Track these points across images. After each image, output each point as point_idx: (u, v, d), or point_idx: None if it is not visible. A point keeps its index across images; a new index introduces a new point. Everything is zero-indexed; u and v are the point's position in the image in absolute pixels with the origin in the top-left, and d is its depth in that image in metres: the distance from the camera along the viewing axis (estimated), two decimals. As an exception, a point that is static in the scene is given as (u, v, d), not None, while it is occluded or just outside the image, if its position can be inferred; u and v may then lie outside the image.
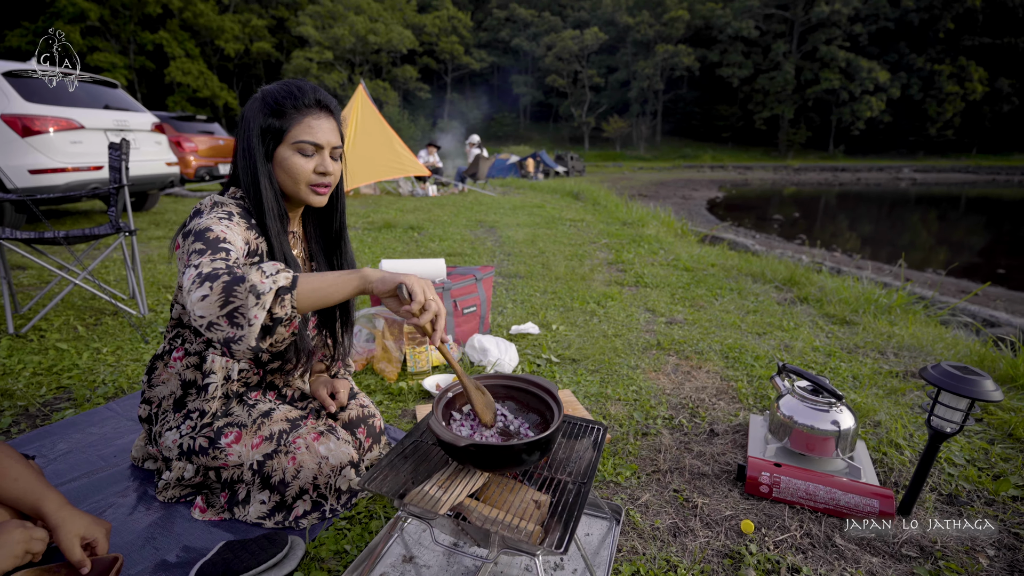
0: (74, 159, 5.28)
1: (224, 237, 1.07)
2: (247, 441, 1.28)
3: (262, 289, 0.91)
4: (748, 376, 2.18)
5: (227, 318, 0.89)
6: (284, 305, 0.93)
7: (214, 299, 0.89)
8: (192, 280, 0.93)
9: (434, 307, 1.00)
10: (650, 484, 1.45)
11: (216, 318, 0.89)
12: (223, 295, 0.89)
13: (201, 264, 0.96)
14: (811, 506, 1.33)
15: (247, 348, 0.91)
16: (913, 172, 33.69)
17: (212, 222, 1.10)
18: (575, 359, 2.34)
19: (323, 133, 1.22)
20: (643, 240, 5.41)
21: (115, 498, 1.34)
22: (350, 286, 1.00)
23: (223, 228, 1.10)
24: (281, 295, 0.93)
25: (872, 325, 2.87)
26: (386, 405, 1.90)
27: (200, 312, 0.90)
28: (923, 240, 11.34)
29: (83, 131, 5.39)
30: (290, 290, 0.94)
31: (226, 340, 0.90)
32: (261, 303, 0.90)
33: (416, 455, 1.11)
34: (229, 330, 0.90)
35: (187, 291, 0.92)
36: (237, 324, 0.90)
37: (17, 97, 5.09)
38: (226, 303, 0.89)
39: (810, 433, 1.47)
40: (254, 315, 0.89)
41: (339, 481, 1.31)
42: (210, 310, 0.89)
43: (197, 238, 1.05)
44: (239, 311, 0.89)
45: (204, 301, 0.89)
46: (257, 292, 0.90)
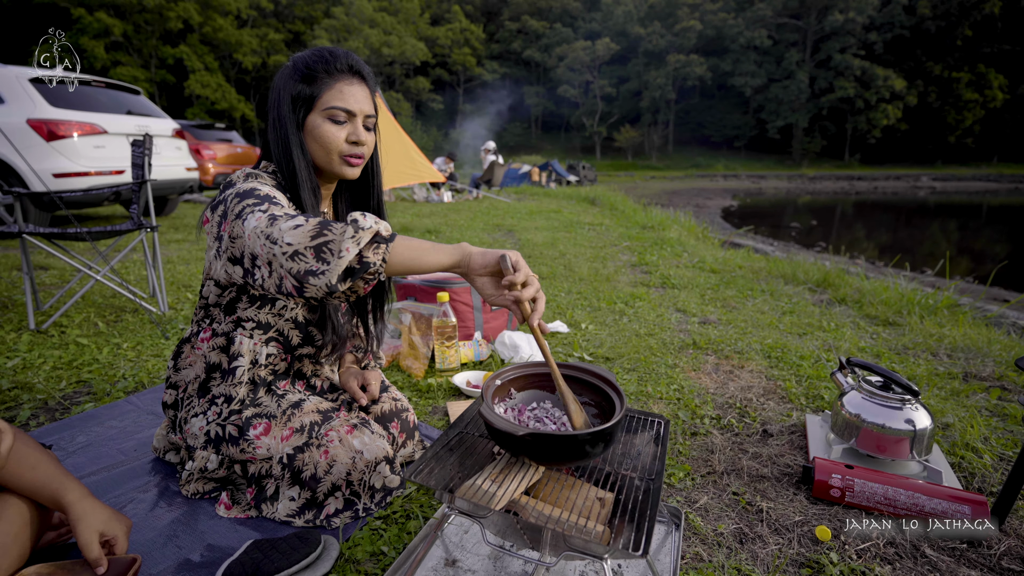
0: (97, 163, 5.32)
1: (274, 196, 1.03)
2: (277, 433, 1.19)
3: (363, 224, 0.86)
4: (796, 376, 2.05)
5: (315, 251, 0.84)
6: (378, 252, 0.87)
7: (308, 229, 0.86)
8: (268, 217, 0.91)
9: (536, 283, 0.92)
10: (706, 486, 1.34)
11: (304, 248, 0.85)
12: (318, 227, 0.86)
13: (270, 208, 0.94)
14: (890, 512, 1.21)
15: (325, 284, 0.84)
16: (932, 180, 33.11)
17: (255, 184, 1.06)
18: (609, 357, 2.24)
19: (356, 99, 1.15)
20: (665, 243, 5.29)
21: (136, 493, 1.26)
22: (447, 256, 0.93)
23: (269, 189, 1.06)
24: (378, 241, 0.87)
25: (919, 326, 2.72)
26: (415, 402, 1.80)
27: (288, 239, 0.85)
28: (943, 249, 11.06)
29: (106, 136, 5.44)
30: (387, 241, 0.88)
31: (305, 272, 0.84)
32: (357, 238, 0.84)
33: (462, 448, 1.01)
34: (313, 263, 0.84)
35: (265, 226, 0.89)
36: (323, 259, 0.84)
37: (43, 102, 5.15)
38: (319, 235, 0.85)
39: (881, 432, 1.35)
40: (346, 247, 0.83)
41: (373, 478, 1.22)
42: (300, 239, 0.85)
43: (245, 196, 1.00)
44: (329, 246, 0.84)
45: (297, 230, 0.86)
46: (358, 226, 0.85)
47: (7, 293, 3.14)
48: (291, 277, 0.86)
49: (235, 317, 1.22)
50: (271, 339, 1.25)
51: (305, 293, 0.87)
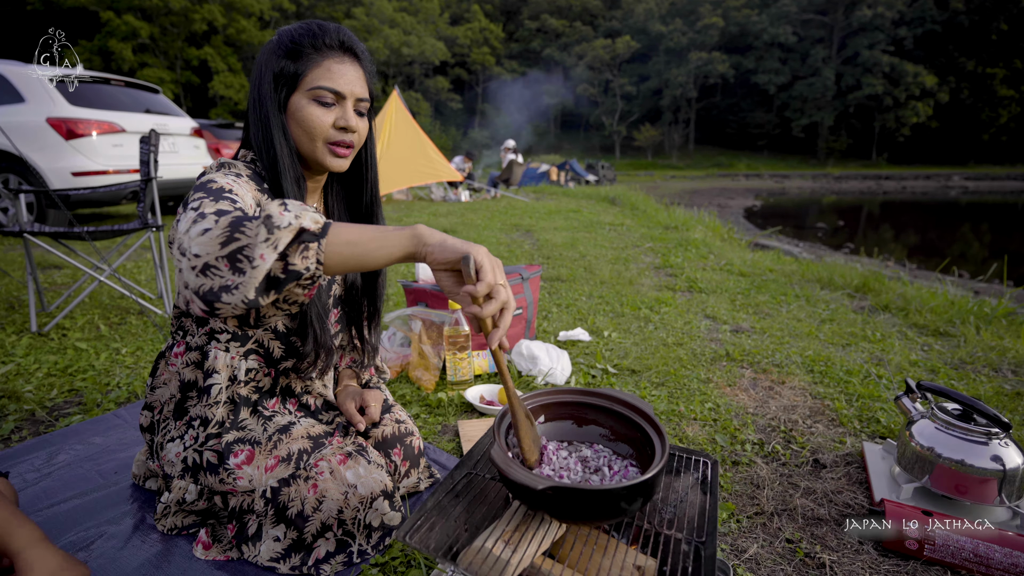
0: (115, 162, 5.32)
1: (230, 188, 0.88)
2: (260, 462, 1.05)
3: (279, 222, 0.69)
4: (845, 394, 1.85)
5: (228, 260, 0.68)
6: (307, 255, 0.70)
7: (217, 233, 0.69)
8: (191, 219, 0.72)
9: (503, 295, 0.74)
10: (754, 530, 1.16)
11: (215, 259, 0.68)
12: (229, 230, 0.69)
13: (202, 205, 0.76)
14: (982, 573, 1.01)
15: (241, 300, 0.68)
16: (964, 180, 31.93)
17: (216, 176, 0.91)
18: (635, 370, 2.06)
19: (346, 80, 1.01)
20: (690, 244, 5.07)
21: (108, 526, 1.13)
22: (398, 246, 0.75)
23: (229, 181, 0.90)
24: (305, 240, 0.71)
25: (975, 338, 2.48)
26: (423, 419, 1.65)
27: (196, 249, 0.69)
28: (976, 251, 10.54)
29: (124, 134, 5.43)
30: (318, 237, 0.71)
31: (220, 288, 0.68)
32: (273, 240, 0.68)
33: (470, 493, 0.85)
34: (228, 276, 0.68)
35: (183, 232, 0.71)
36: (240, 269, 0.68)
37: (63, 101, 5.16)
38: (230, 240, 0.68)
39: (962, 471, 1.15)
40: (260, 254, 0.67)
41: (369, 516, 1.06)
42: (209, 247, 0.68)
43: (196, 191, 0.86)
44: (245, 252, 0.68)
45: (204, 236, 0.69)
46: (271, 224, 0.68)
47: (16, 294, 3.09)
48: (198, 299, 0.70)
49: (208, 328, 1.08)
50: (250, 352, 1.10)
51: (219, 313, 0.71)
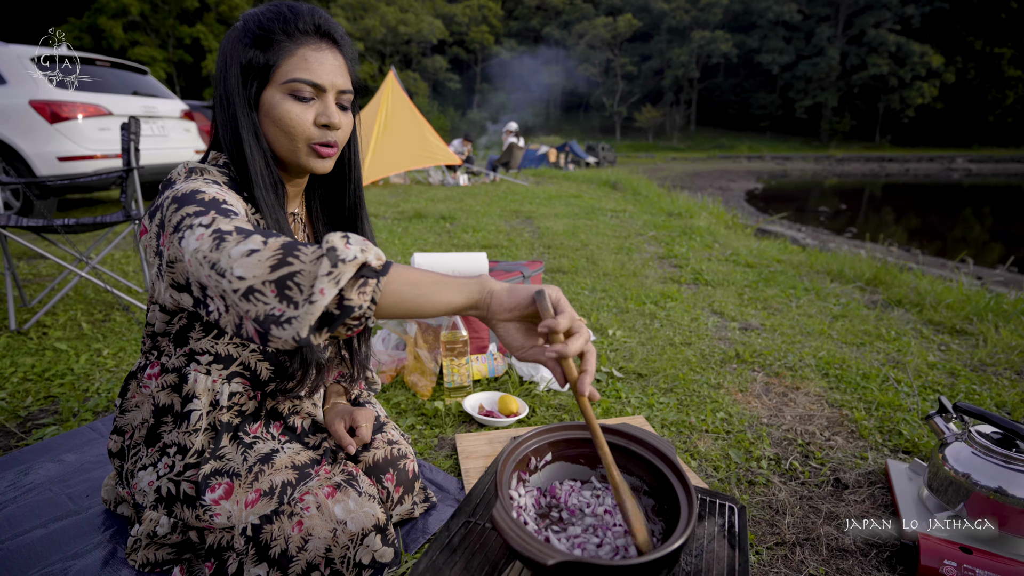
0: (102, 146, 5.15)
1: (223, 199, 0.78)
2: (240, 496, 0.95)
3: (344, 254, 0.62)
4: (864, 403, 1.76)
5: (276, 285, 0.62)
6: (364, 291, 0.64)
7: (266, 256, 0.63)
8: (212, 237, 0.66)
9: (586, 332, 0.67)
10: (775, 564, 1.07)
11: (261, 283, 0.62)
12: (281, 253, 0.63)
13: (214, 221, 0.68)
14: (1027, 617, 0.93)
15: (293, 336, 0.62)
16: (967, 162, 31.62)
17: (198, 185, 0.80)
18: (641, 374, 1.96)
19: (325, 70, 0.89)
20: (694, 232, 4.95)
21: (74, 560, 1.04)
22: (460, 294, 0.69)
23: (216, 191, 0.80)
24: (365, 276, 0.64)
25: (995, 337, 2.38)
26: (419, 431, 1.56)
27: (240, 272, 0.63)
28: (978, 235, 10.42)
29: (111, 117, 5.25)
30: (379, 274, 0.65)
31: (267, 317, 0.62)
32: (335, 275, 0.61)
33: (467, 546, 0.76)
34: (275, 304, 0.62)
35: (209, 249, 0.65)
36: (289, 298, 0.62)
37: (46, 82, 4.96)
38: (281, 264, 0.62)
39: (1002, 501, 1.06)
40: (320, 288, 0.61)
41: (360, 553, 0.97)
42: (255, 270, 0.63)
43: (184, 202, 0.76)
44: (295, 280, 0.62)
45: (251, 257, 0.63)
46: (336, 257, 0.62)
47: (2, 290, 2.97)
48: (251, 321, 0.63)
49: (187, 349, 0.98)
50: (234, 375, 1.00)
51: (269, 344, 0.63)
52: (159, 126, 5.80)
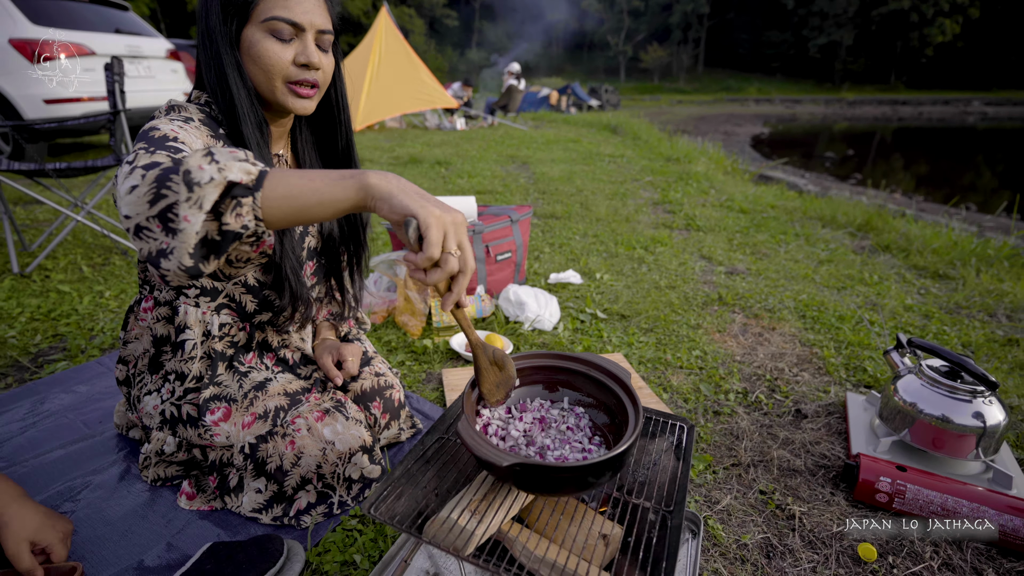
0: (88, 88, 5.01)
1: (175, 136, 0.78)
2: (237, 419, 1.04)
3: (198, 177, 0.59)
4: (835, 342, 1.84)
5: (159, 219, 0.59)
6: (241, 212, 0.61)
7: (144, 190, 0.60)
8: (124, 175, 0.62)
9: (452, 264, 0.66)
10: (729, 481, 1.18)
11: (145, 219, 0.60)
12: (155, 185, 0.59)
13: (137, 158, 0.65)
14: (948, 524, 1.04)
15: (178, 267, 0.60)
16: (984, 105, 30.55)
17: (161, 123, 0.81)
18: (624, 315, 2.04)
19: (303, 8, 0.89)
20: (691, 178, 4.90)
21: (93, 475, 1.14)
22: (344, 198, 0.66)
23: (174, 128, 0.80)
24: (236, 195, 0.61)
25: (974, 281, 2.44)
26: (408, 367, 1.65)
27: (127, 210, 0.60)
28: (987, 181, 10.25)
29: (95, 57, 5.08)
30: (252, 191, 0.62)
31: (157, 253, 0.60)
32: (195, 198, 0.58)
33: (440, 458, 0.84)
34: (162, 238, 0.60)
35: (118, 184, 0.62)
36: (171, 229, 0.59)
37: (23, 19, 4.78)
38: (158, 197, 0.59)
39: (941, 427, 1.15)
40: (184, 215, 0.58)
41: (349, 469, 1.07)
42: (138, 207, 0.60)
43: (138, 140, 0.77)
44: (175, 210, 0.59)
45: (132, 194, 0.60)
46: (191, 180, 0.59)
47: (1, 234, 3.01)
48: (146, 259, 0.62)
49: None
50: (222, 306, 1.06)
51: (167, 281, 0.63)
52: (145, 67, 5.62)
